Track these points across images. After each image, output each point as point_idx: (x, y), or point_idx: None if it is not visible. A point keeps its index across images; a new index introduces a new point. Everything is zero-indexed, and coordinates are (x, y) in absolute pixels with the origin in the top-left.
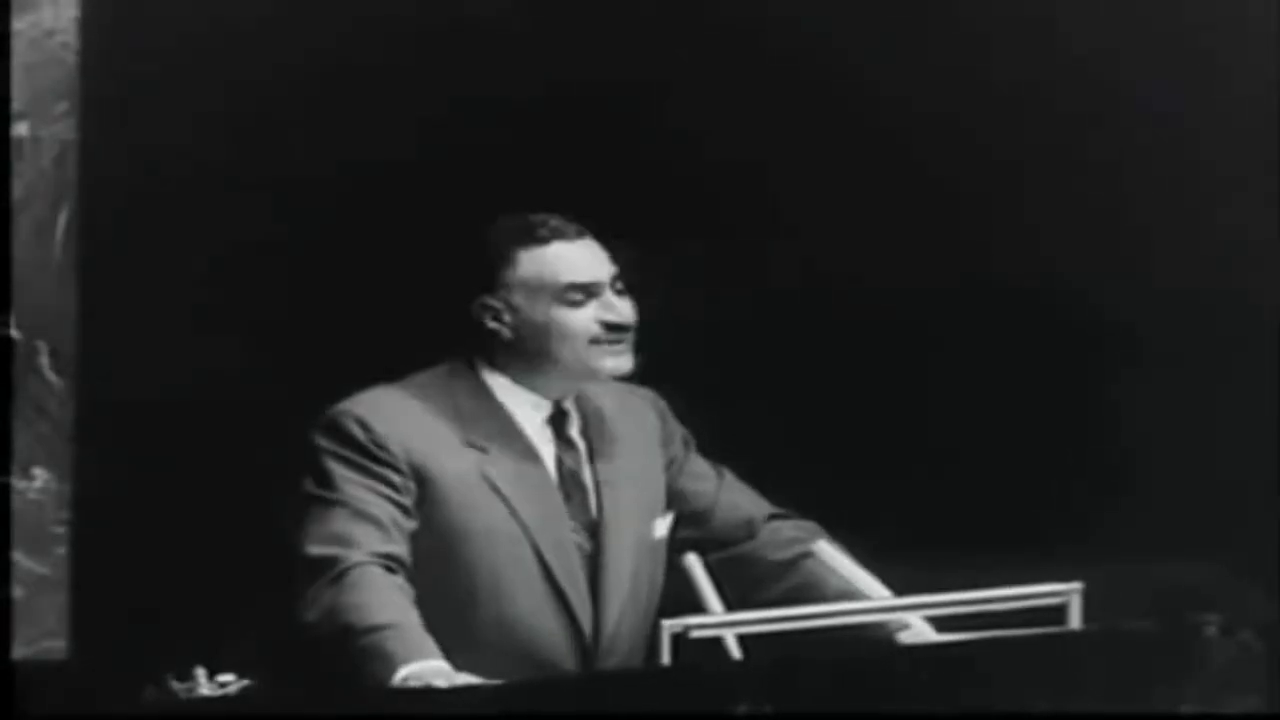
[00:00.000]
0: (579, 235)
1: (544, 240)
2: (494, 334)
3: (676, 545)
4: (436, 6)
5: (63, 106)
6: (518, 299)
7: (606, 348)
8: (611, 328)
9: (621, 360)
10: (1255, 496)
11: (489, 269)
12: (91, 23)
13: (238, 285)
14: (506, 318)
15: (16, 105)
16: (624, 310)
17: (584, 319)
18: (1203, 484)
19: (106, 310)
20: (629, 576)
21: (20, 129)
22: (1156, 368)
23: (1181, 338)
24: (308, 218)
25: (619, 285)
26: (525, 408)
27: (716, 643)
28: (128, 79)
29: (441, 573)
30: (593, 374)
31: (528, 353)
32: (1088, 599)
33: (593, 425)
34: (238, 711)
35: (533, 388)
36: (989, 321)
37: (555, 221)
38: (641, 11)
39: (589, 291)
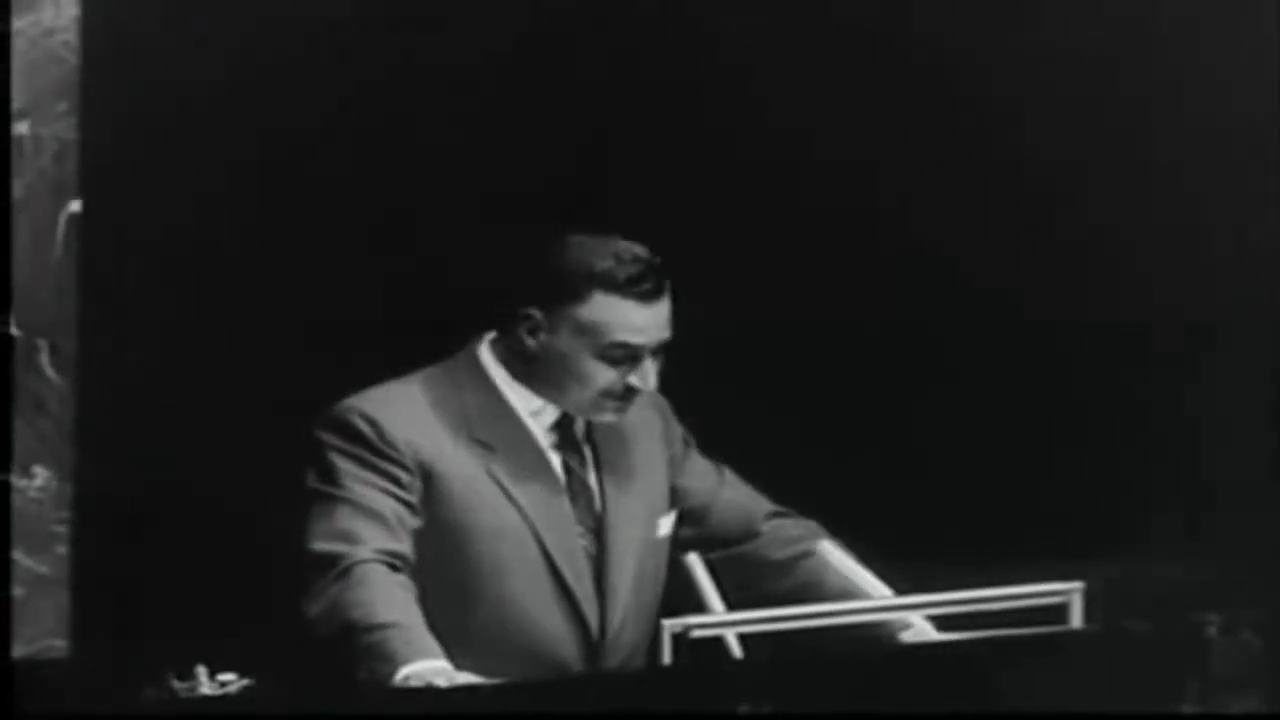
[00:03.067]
0: (658, 297)
1: (623, 293)
2: (520, 341)
3: (677, 543)
4: (431, 8)
5: (63, 106)
6: (565, 330)
7: (612, 404)
8: (631, 390)
9: (616, 416)
10: (1255, 496)
11: (556, 291)
12: (92, 22)
13: (238, 285)
14: (542, 336)
15: (16, 104)
16: (650, 380)
17: (610, 377)
18: (1203, 484)
19: (106, 310)
20: (633, 576)
21: (20, 128)
22: (1157, 368)
23: (1182, 338)
24: (308, 216)
25: (659, 349)
26: (533, 409)
27: (717, 642)
28: (128, 79)
29: (448, 570)
30: (584, 415)
31: (542, 372)
32: (1088, 599)
33: (597, 428)
34: (238, 711)
35: (540, 395)
36: (991, 322)
37: (647, 277)
38: (656, 11)
39: (632, 355)
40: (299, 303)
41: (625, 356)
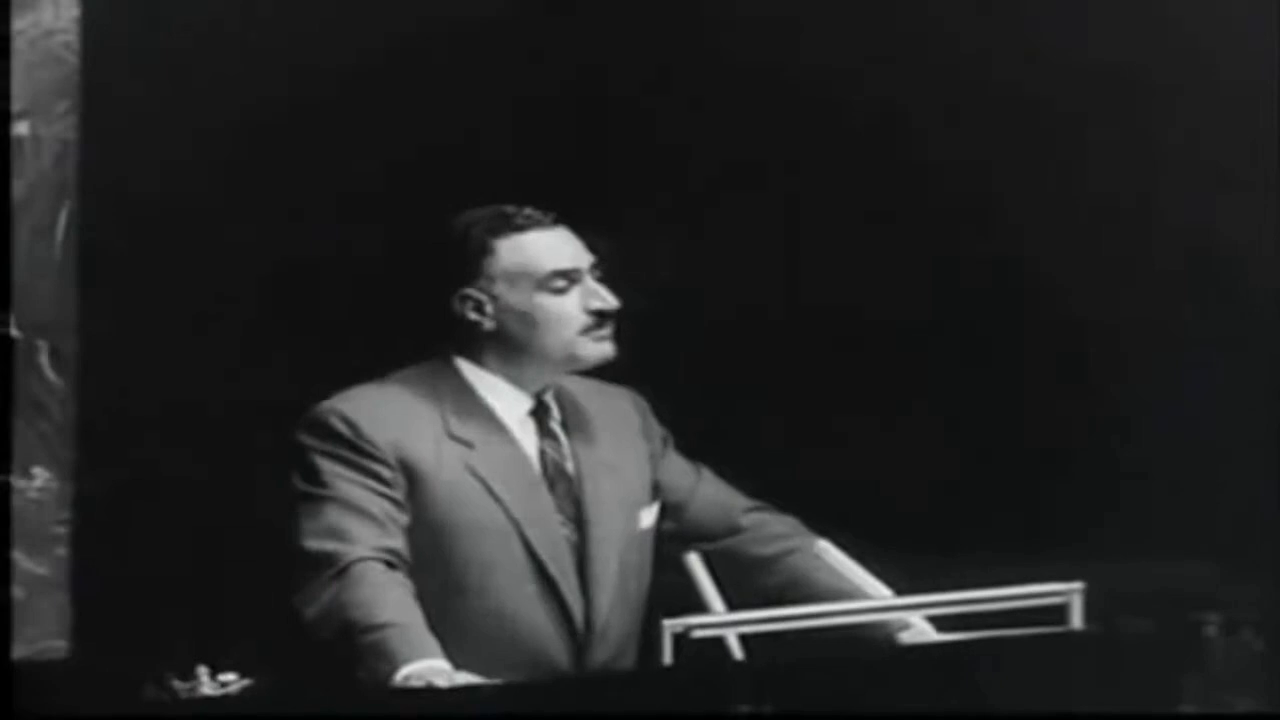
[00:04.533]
0: (554, 224)
1: (521, 229)
2: (475, 326)
3: (660, 537)
4: (424, 7)
5: (63, 106)
6: (500, 289)
7: (592, 335)
8: (597, 315)
9: (604, 346)
10: (1255, 496)
11: (468, 261)
12: (92, 22)
13: (238, 285)
14: (488, 308)
15: (17, 105)
16: (607, 297)
17: (570, 307)
18: (1202, 484)
19: (106, 310)
20: (616, 566)
21: (20, 129)
22: (1156, 366)
23: (1181, 336)
24: (307, 218)
25: (597, 273)
26: (507, 401)
27: (718, 642)
28: (128, 79)
29: (431, 567)
30: (577, 362)
31: (510, 344)
32: (1088, 599)
33: (572, 418)
34: (238, 711)
35: (514, 380)
36: (986, 319)
37: (530, 210)
38: (634, 4)
39: (571, 278)
40: (299, 303)
41: (567, 283)
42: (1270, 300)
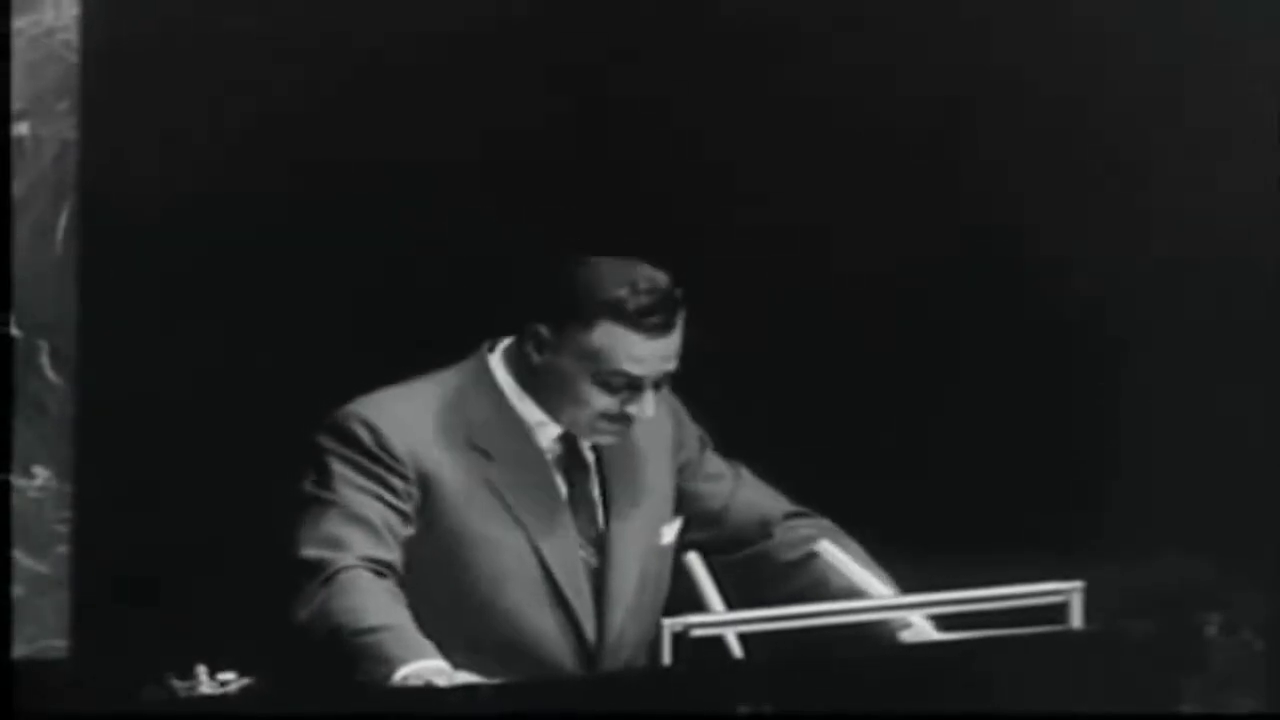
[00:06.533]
0: (666, 331)
1: (631, 327)
2: (526, 354)
3: (690, 547)
4: (448, 7)
5: (64, 105)
6: (568, 351)
7: (612, 427)
8: (624, 418)
9: (617, 439)
10: (1254, 496)
11: (566, 313)
12: (93, 21)
13: (238, 285)
14: (547, 354)
15: (17, 104)
16: (647, 409)
17: (608, 402)
18: (1202, 483)
19: (106, 310)
20: (634, 586)
21: (21, 128)
22: (1157, 366)
23: (1182, 336)
24: (308, 217)
25: (662, 385)
26: (539, 418)
27: (718, 642)
28: (128, 78)
29: (445, 577)
30: (585, 435)
31: (544, 388)
32: (1088, 598)
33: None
34: (238, 711)
35: (543, 408)
36: (990, 321)
37: (658, 317)
38: (649, 18)
39: (632, 385)
40: (300, 303)
41: (625, 385)
42: (1270, 298)
